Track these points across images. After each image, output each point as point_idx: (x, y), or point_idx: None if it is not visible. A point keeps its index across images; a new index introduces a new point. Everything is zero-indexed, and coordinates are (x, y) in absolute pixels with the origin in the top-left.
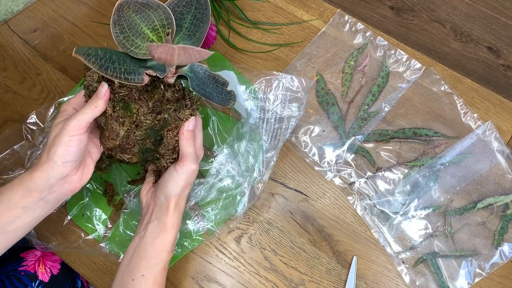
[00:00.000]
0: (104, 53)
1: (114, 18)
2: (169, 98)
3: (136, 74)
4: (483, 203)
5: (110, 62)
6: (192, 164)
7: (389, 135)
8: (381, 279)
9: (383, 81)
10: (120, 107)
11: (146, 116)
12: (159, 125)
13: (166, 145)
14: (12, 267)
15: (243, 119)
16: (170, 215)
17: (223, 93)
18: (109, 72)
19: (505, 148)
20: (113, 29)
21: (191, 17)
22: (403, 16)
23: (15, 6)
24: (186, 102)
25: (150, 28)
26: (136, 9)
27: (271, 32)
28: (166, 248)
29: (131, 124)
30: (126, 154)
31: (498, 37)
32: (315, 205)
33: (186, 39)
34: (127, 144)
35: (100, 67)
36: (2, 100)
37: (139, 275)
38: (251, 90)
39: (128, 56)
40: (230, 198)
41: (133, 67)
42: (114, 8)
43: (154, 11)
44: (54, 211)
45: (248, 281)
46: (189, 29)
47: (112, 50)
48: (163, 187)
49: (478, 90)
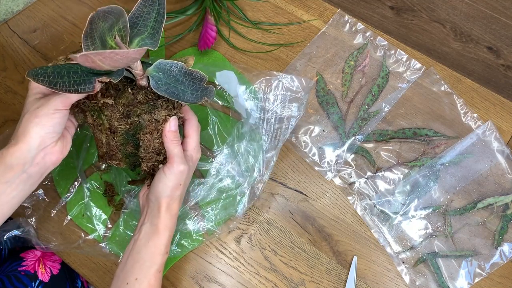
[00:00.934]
0: (52, 70)
1: (87, 31)
2: (141, 101)
3: (87, 84)
4: (483, 203)
5: (58, 77)
6: (180, 165)
7: (389, 135)
8: (381, 279)
9: (383, 81)
10: (96, 116)
11: (120, 121)
12: (133, 128)
13: (145, 148)
14: (12, 267)
15: (243, 119)
16: (162, 217)
17: (200, 89)
18: (58, 87)
19: (505, 148)
20: (85, 42)
21: (155, 14)
22: (403, 16)
23: (15, 6)
24: (158, 103)
25: (110, 35)
26: (103, 18)
27: (271, 32)
28: (160, 250)
29: (107, 131)
30: (114, 160)
31: (498, 37)
32: (315, 205)
33: (148, 38)
34: (111, 151)
35: (49, 83)
36: (2, 100)
37: (133, 279)
38: (251, 90)
39: (82, 67)
40: (230, 198)
41: (85, 77)
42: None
43: (117, 16)
44: (54, 211)
45: (248, 281)
46: (153, 27)
47: (64, 65)
48: (153, 189)
49: (478, 90)
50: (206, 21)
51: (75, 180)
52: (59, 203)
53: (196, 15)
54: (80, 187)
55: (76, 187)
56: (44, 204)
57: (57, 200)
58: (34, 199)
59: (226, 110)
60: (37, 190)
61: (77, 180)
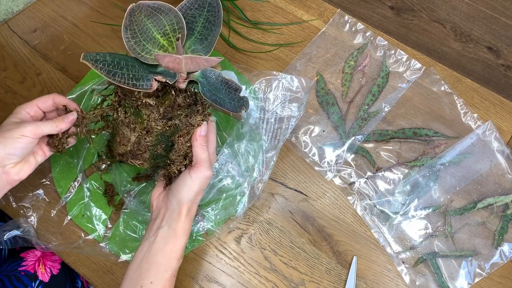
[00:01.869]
0: (112, 59)
1: (126, 23)
2: (180, 104)
3: (145, 80)
4: (483, 203)
5: (118, 68)
6: (207, 170)
7: (389, 135)
8: (381, 279)
9: (383, 81)
10: (131, 113)
11: (157, 122)
12: (170, 131)
13: (177, 151)
14: (12, 267)
15: (243, 119)
16: (182, 221)
17: (236, 99)
18: (116, 78)
19: (505, 148)
20: (125, 34)
21: (203, 20)
22: (403, 16)
23: (15, 6)
24: (197, 108)
25: (161, 33)
26: (148, 13)
27: (271, 32)
28: (176, 255)
29: (142, 130)
30: (137, 160)
31: (498, 37)
32: (315, 205)
33: (197, 43)
34: (138, 150)
35: (108, 73)
36: (2, 100)
37: (148, 282)
38: (251, 90)
39: (137, 62)
40: (230, 198)
41: (142, 73)
42: (126, 13)
43: (165, 15)
44: (54, 211)
45: (248, 281)
46: (201, 33)
47: (120, 55)
48: (176, 192)
49: (478, 90)
50: None
51: (75, 180)
52: (59, 203)
53: None
54: (80, 187)
55: (76, 187)
56: (44, 204)
57: (57, 200)
58: (34, 199)
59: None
60: (37, 190)
61: (77, 180)
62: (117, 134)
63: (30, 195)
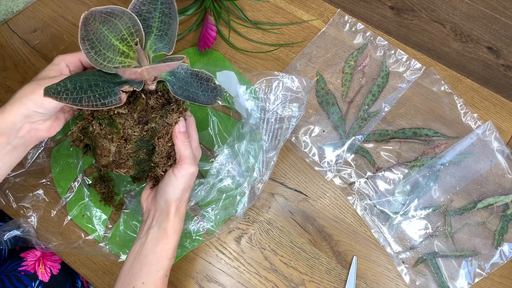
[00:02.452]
0: (73, 85)
1: (82, 34)
2: (153, 106)
3: (112, 95)
4: (483, 203)
5: (82, 92)
6: (191, 166)
7: (389, 135)
8: (381, 279)
9: (383, 81)
10: (105, 124)
11: (133, 128)
12: (148, 135)
13: (160, 153)
14: (12, 267)
15: (244, 119)
16: (171, 220)
17: (209, 89)
18: (83, 103)
19: (505, 148)
20: (83, 45)
21: (159, 14)
22: (403, 16)
23: (15, 6)
24: (171, 107)
25: (119, 39)
26: (102, 20)
27: (271, 32)
28: (167, 255)
29: (120, 139)
30: (122, 169)
31: (498, 37)
32: (315, 205)
33: (158, 41)
34: (120, 159)
35: (73, 101)
36: (2, 100)
37: (140, 283)
38: (251, 90)
39: (100, 76)
40: (230, 198)
41: (107, 89)
42: (80, 23)
43: (120, 18)
44: (54, 211)
45: (248, 281)
46: (160, 29)
47: (81, 75)
48: (162, 192)
49: (478, 90)
50: (206, 21)
51: (75, 180)
52: (59, 203)
53: (196, 15)
54: (80, 187)
55: (76, 187)
56: (44, 204)
57: (57, 200)
58: (34, 199)
59: (227, 110)
60: (37, 190)
61: (77, 180)
62: (97, 147)
63: (30, 195)
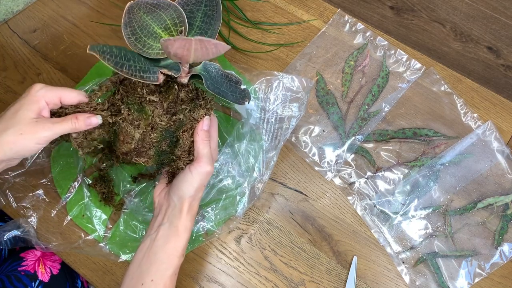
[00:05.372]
0: (119, 51)
1: (125, 20)
2: (183, 99)
3: (151, 73)
4: (483, 203)
5: (125, 59)
6: (207, 165)
7: (389, 135)
8: (381, 279)
9: (383, 81)
10: (134, 110)
11: (161, 117)
12: (175, 126)
13: (182, 146)
14: (12, 267)
15: (244, 119)
16: (183, 218)
17: (237, 91)
18: (124, 69)
19: (505, 148)
20: (125, 31)
21: (202, 15)
22: (403, 16)
23: (15, 6)
24: (200, 102)
25: (162, 28)
26: (146, 10)
27: (271, 32)
28: (177, 253)
29: (147, 127)
30: (142, 158)
31: (498, 37)
32: (315, 205)
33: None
34: (142, 147)
35: (116, 64)
36: (2, 100)
37: (149, 280)
38: (251, 90)
39: (141, 56)
40: (230, 198)
41: (148, 65)
42: (124, 10)
43: (165, 10)
44: (54, 211)
45: (248, 281)
46: (200, 27)
47: (126, 49)
48: (176, 189)
49: (478, 90)
50: None
51: (75, 180)
52: (59, 203)
53: None
54: (80, 187)
55: (76, 187)
56: (44, 204)
57: (57, 200)
58: (34, 199)
59: (227, 110)
60: (37, 190)
61: (77, 180)
62: (120, 133)
63: (30, 195)
